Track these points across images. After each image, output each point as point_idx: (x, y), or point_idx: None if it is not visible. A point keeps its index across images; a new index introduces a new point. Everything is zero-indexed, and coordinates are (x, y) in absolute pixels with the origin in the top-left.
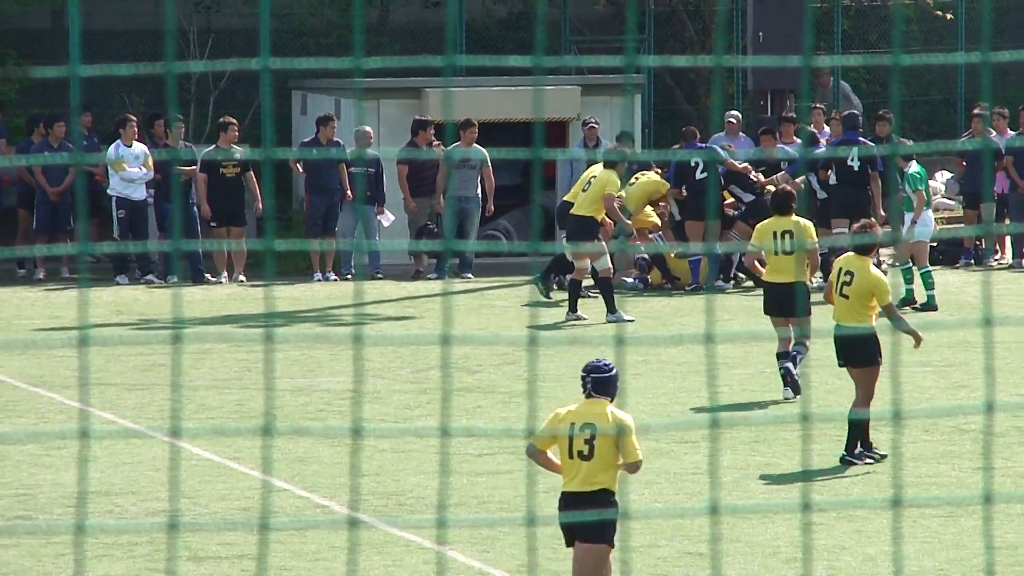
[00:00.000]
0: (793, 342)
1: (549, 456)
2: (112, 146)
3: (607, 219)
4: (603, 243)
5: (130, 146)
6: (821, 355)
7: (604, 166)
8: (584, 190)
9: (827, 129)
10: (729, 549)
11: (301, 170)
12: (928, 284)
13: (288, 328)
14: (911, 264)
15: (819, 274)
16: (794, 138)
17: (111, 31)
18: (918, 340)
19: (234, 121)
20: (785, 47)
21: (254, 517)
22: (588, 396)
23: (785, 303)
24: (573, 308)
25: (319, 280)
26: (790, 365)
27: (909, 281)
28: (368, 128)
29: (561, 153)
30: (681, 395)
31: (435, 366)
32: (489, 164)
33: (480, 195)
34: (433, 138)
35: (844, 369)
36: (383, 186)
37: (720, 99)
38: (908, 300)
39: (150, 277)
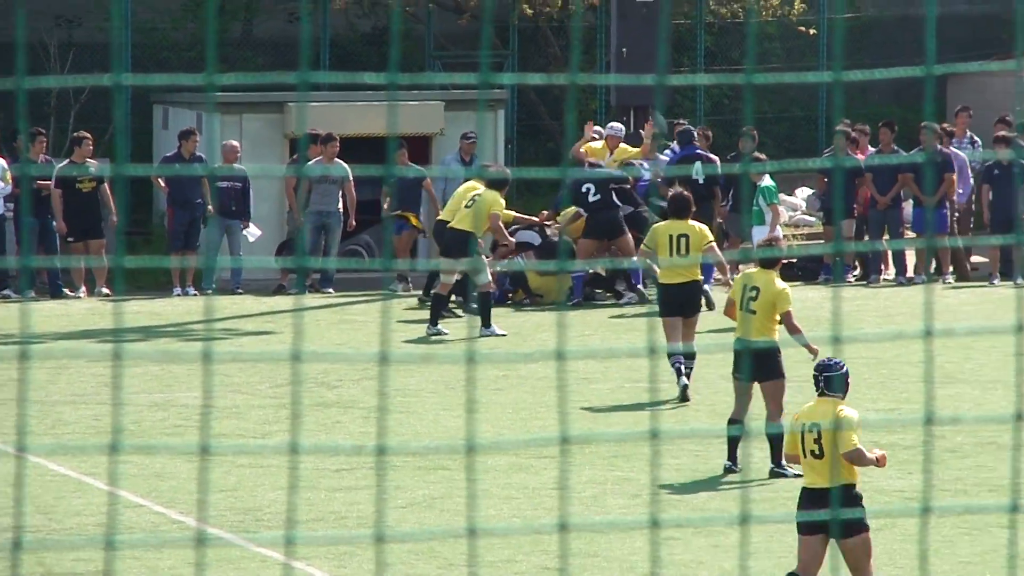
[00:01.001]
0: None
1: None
2: None
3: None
4: (482, 258)
5: None
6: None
7: (489, 186)
8: (467, 206)
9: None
10: (587, 564)
11: (163, 184)
12: None
13: (146, 343)
14: None
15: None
16: (657, 155)
17: None
18: (814, 352)
19: (88, 136)
20: (648, 63)
21: (109, 533)
22: (821, 395)
23: (683, 303)
24: (435, 322)
25: (179, 295)
26: (685, 379)
27: None
28: (234, 142)
29: (414, 171)
30: (540, 410)
31: (294, 381)
32: (351, 179)
33: (341, 210)
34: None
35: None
36: (249, 201)
37: (575, 116)
38: None
39: (7, 292)
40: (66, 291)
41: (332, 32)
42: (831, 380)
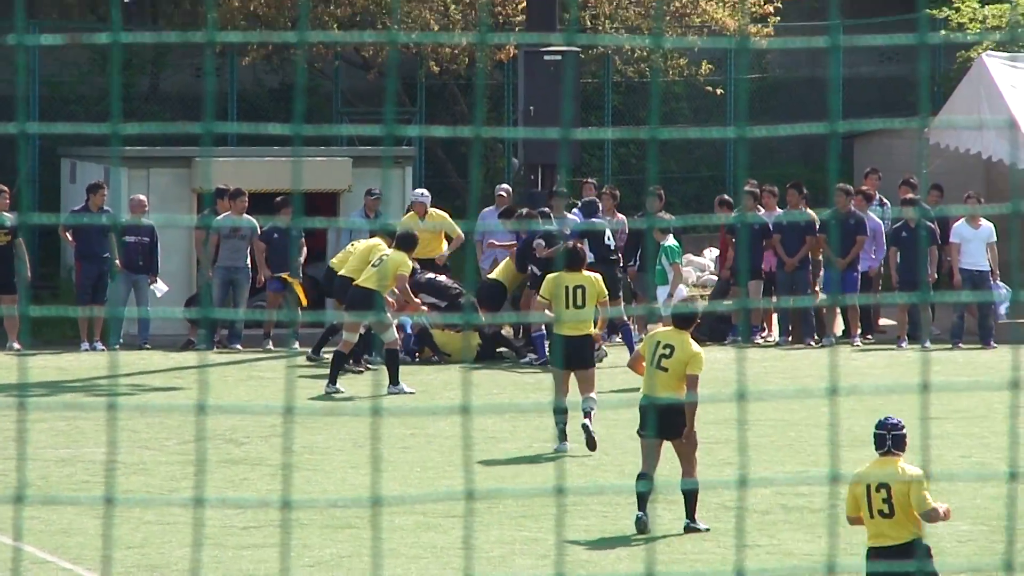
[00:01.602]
0: (583, 398)
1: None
2: None
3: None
4: (388, 315)
5: None
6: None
7: (397, 245)
8: (375, 265)
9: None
10: None
11: (71, 238)
12: None
13: (52, 397)
14: None
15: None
16: (564, 212)
17: None
18: (691, 423)
19: (5, 188)
20: (556, 122)
21: None
22: (885, 453)
23: (575, 356)
24: (333, 380)
25: (87, 350)
26: (587, 422)
27: None
28: (142, 196)
29: (327, 222)
30: (448, 468)
31: (202, 437)
32: (258, 233)
33: (249, 265)
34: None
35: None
36: (156, 256)
37: (479, 172)
38: None
39: None
40: None
41: (240, 87)
42: (898, 439)
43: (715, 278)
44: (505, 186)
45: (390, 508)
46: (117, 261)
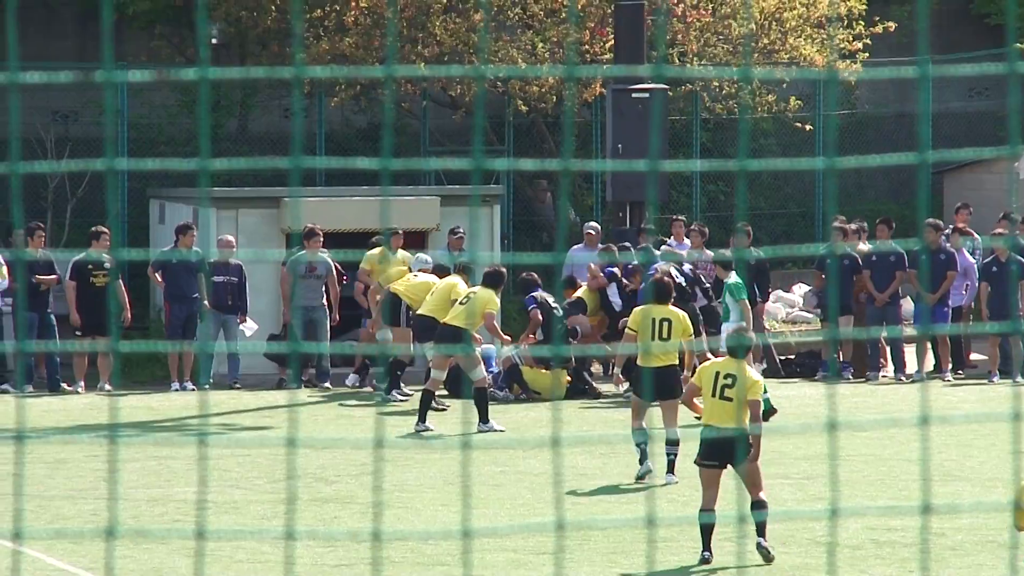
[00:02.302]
0: (667, 428)
1: None
2: None
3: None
4: (476, 354)
5: None
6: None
7: (484, 284)
8: (462, 303)
9: (687, 241)
10: None
11: (160, 279)
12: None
13: (144, 437)
14: None
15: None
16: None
17: None
18: (757, 452)
19: (105, 230)
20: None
21: None
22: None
23: (662, 386)
24: (423, 419)
25: (177, 390)
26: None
27: None
28: (230, 236)
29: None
30: (538, 505)
31: (292, 476)
32: (334, 273)
33: (327, 304)
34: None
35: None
36: (246, 295)
37: (566, 203)
38: None
39: (5, 387)
40: (64, 386)
41: (328, 128)
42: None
43: (805, 314)
44: (594, 224)
45: (481, 546)
46: (206, 302)
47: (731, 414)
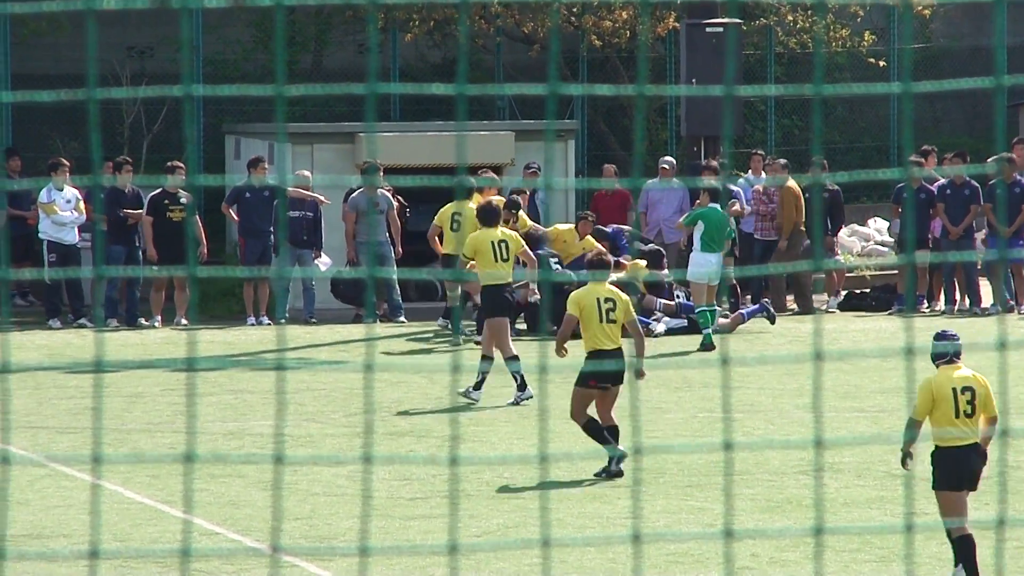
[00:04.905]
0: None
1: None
2: (44, 189)
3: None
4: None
5: (62, 190)
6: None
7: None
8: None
9: (763, 175)
10: None
11: (234, 215)
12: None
13: (219, 372)
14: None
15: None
16: (731, 186)
17: (43, 75)
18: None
19: (181, 164)
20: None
21: (184, 561)
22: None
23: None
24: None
25: (252, 324)
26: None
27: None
28: (306, 172)
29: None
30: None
31: (368, 409)
32: (394, 208)
33: (390, 239)
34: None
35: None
36: (320, 231)
37: (643, 127)
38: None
39: (83, 321)
40: (142, 320)
41: (402, 63)
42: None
43: (880, 248)
44: (669, 158)
45: (556, 477)
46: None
47: (617, 336)
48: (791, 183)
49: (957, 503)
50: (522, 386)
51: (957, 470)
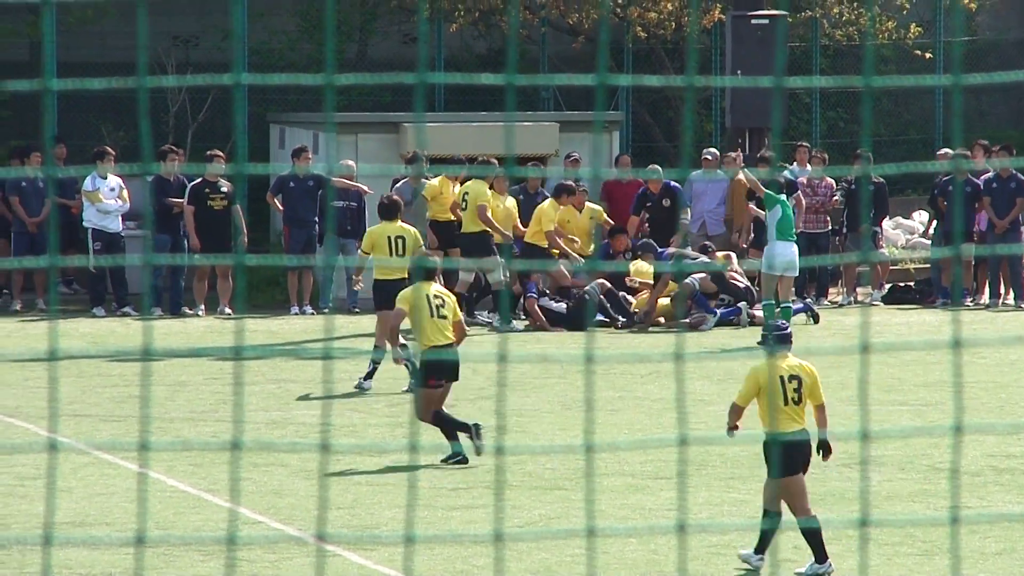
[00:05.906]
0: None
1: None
2: (88, 178)
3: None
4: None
5: (106, 178)
6: None
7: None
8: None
9: (808, 167)
10: None
11: (279, 204)
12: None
13: (263, 361)
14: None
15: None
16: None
17: (88, 63)
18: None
19: (220, 153)
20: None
21: (228, 549)
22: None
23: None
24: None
25: (296, 313)
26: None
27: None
28: (351, 162)
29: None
30: (656, 431)
31: (410, 400)
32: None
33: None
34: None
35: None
36: (364, 220)
37: (691, 118)
38: None
39: (127, 309)
40: (185, 309)
41: (447, 53)
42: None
43: (924, 240)
44: (713, 150)
45: (599, 470)
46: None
47: (450, 331)
48: (741, 176)
49: (798, 485)
50: (370, 375)
51: (791, 454)
